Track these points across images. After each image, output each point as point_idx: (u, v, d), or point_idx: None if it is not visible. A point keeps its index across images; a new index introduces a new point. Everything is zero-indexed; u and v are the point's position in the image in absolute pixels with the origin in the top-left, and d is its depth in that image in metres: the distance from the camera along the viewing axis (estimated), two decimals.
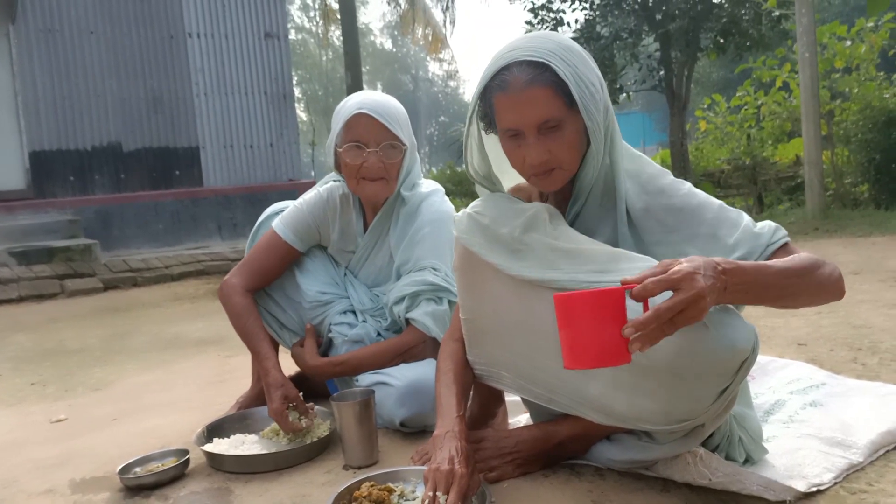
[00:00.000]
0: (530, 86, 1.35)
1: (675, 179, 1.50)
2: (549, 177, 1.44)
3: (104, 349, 3.81)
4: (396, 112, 2.06)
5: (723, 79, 20.69)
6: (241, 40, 9.23)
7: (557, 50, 1.37)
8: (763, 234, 1.40)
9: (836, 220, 6.37)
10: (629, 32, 9.47)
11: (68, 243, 7.03)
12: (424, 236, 2.07)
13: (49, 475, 1.90)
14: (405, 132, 2.07)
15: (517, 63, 1.37)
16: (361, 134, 2.01)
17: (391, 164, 2.04)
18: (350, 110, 2.01)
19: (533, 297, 1.43)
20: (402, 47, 44.01)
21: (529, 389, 1.52)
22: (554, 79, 1.35)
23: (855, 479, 1.47)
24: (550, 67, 1.35)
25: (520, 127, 1.40)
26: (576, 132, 1.40)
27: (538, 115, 1.37)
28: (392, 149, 2.04)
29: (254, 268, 2.15)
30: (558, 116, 1.37)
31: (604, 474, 1.56)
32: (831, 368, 2.18)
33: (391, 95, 2.13)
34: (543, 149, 1.39)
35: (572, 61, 1.38)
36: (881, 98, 7.38)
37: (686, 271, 1.12)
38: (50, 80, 8.18)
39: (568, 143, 1.40)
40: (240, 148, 9.21)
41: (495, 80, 1.39)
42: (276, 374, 1.95)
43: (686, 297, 1.11)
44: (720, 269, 1.17)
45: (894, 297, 3.18)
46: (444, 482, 1.35)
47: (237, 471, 1.79)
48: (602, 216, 1.51)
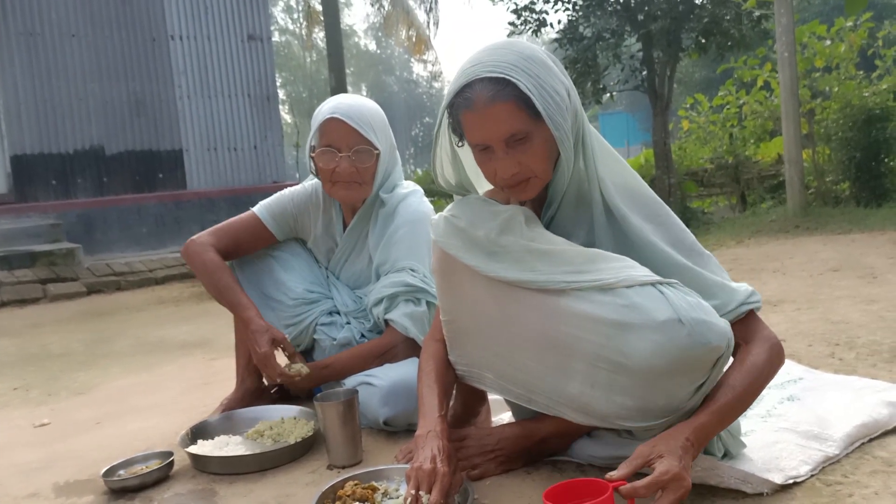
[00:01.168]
0: (493, 102, 1.36)
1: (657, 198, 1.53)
2: (524, 187, 1.45)
3: (88, 353, 3.79)
4: (371, 116, 2.07)
5: (705, 78, 20.82)
6: (224, 42, 9.19)
7: (518, 62, 1.38)
8: (739, 291, 1.44)
9: (816, 218, 6.44)
10: (611, 33, 9.50)
11: (51, 248, 6.98)
12: (402, 237, 2.08)
13: (32, 479, 1.90)
14: (380, 136, 2.08)
15: (479, 80, 1.38)
16: (334, 139, 2.03)
17: (364, 169, 2.05)
18: (324, 115, 2.04)
19: (510, 299, 1.44)
20: (387, 49, 43.97)
21: (509, 390, 1.54)
22: (516, 93, 1.36)
23: (831, 472, 1.49)
24: (511, 82, 1.36)
25: (487, 142, 1.41)
26: (544, 141, 1.42)
27: (503, 131, 1.38)
28: (364, 153, 2.04)
29: (225, 231, 2.17)
30: (524, 129, 1.39)
31: (585, 470, 1.58)
32: (809, 363, 2.21)
33: (374, 97, 2.15)
34: (513, 161, 1.41)
35: (534, 72, 1.38)
36: (861, 97, 7.45)
37: (674, 473, 1.23)
38: (31, 84, 8.12)
39: (537, 153, 1.42)
40: (223, 150, 9.18)
41: (459, 97, 1.41)
42: (259, 321, 2.00)
43: (676, 496, 1.23)
44: (690, 443, 1.30)
45: (872, 292, 3.22)
46: (427, 481, 1.36)
47: (221, 472, 1.79)
48: (577, 219, 1.53)
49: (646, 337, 1.30)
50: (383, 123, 2.12)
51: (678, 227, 1.51)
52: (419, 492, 1.35)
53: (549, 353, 1.41)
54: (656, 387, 1.32)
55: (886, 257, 4.11)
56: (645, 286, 1.35)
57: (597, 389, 1.37)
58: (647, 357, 1.30)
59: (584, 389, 1.39)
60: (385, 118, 2.14)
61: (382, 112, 2.15)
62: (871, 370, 2.12)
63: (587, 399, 1.39)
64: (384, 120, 2.13)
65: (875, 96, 7.43)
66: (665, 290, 1.34)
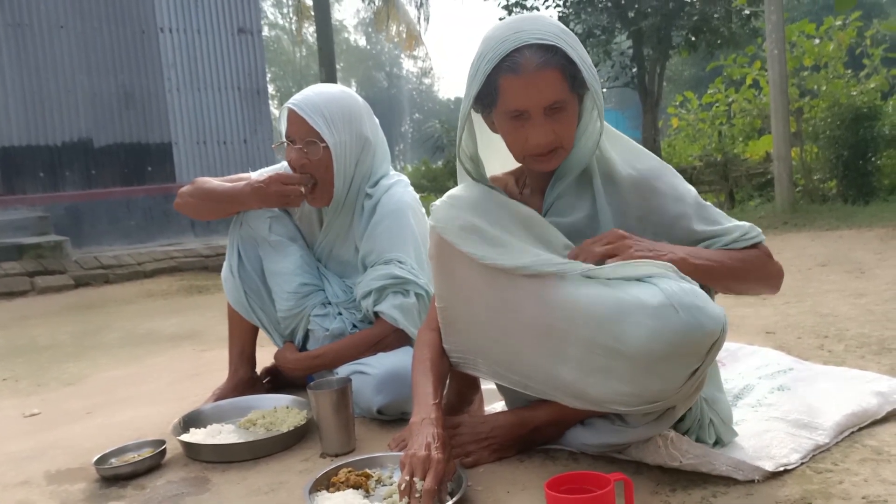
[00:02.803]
0: (543, 68, 1.40)
1: (661, 163, 1.58)
2: (551, 157, 1.49)
3: (76, 345, 3.77)
4: (326, 107, 2.02)
5: (694, 76, 20.93)
6: (213, 35, 9.14)
7: (561, 33, 1.43)
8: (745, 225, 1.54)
9: (804, 215, 6.48)
10: (602, 30, 9.55)
11: (38, 240, 6.93)
12: (386, 228, 2.08)
13: (24, 467, 1.89)
14: (334, 128, 2.02)
15: (528, 46, 1.40)
16: (290, 130, 2.05)
17: (316, 161, 2.03)
18: (286, 104, 2.05)
19: (507, 285, 1.45)
20: (377, 44, 43.89)
21: (504, 375, 1.54)
22: (562, 62, 1.41)
23: (821, 460, 1.51)
24: (561, 50, 1.40)
25: (528, 108, 1.43)
26: (574, 113, 1.48)
27: (548, 97, 1.42)
28: (312, 145, 2.02)
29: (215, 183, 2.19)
30: (564, 98, 1.43)
31: (578, 458, 1.59)
32: (799, 355, 2.22)
33: (364, 93, 2.15)
34: (549, 129, 1.45)
35: (574, 44, 1.44)
36: (849, 95, 7.51)
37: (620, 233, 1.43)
38: (19, 76, 8.05)
39: (570, 124, 1.47)
40: (213, 144, 9.14)
41: (506, 61, 1.41)
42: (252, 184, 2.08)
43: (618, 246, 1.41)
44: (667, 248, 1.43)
45: (860, 286, 3.25)
46: (421, 467, 1.37)
47: (214, 460, 1.79)
48: (580, 192, 1.56)
49: (640, 323, 1.31)
50: (343, 115, 2.05)
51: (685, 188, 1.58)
52: (413, 478, 1.35)
53: (544, 339, 1.42)
54: (651, 372, 1.33)
55: (874, 253, 4.15)
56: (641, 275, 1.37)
57: (591, 375, 1.38)
58: (643, 343, 1.31)
59: (578, 375, 1.40)
60: (352, 110, 2.08)
61: (351, 103, 2.09)
62: (860, 362, 2.14)
63: (582, 385, 1.40)
64: (348, 111, 2.06)
65: (863, 95, 7.48)
66: (658, 280, 1.35)
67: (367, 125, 2.12)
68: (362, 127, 2.10)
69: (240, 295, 2.19)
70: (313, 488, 1.48)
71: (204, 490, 1.64)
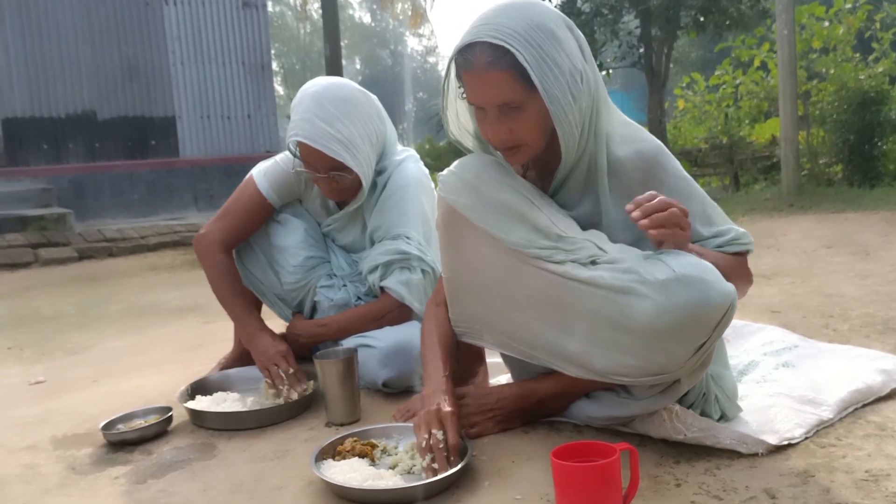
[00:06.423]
0: (490, 69, 1.36)
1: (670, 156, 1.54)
2: (514, 152, 1.46)
3: (80, 316, 3.78)
4: (339, 131, 1.92)
5: (702, 58, 20.77)
6: (218, 8, 9.08)
7: (524, 30, 1.35)
8: (739, 230, 1.52)
9: (810, 197, 6.46)
10: (610, 9, 9.48)
11: (42, 212, 6.94)
12: (396, 202, 2.07)
13: (30, 433, 1.90)
14: (355, 149, 1.95)
15: (480, 42, 1.37)
16: (308, 161, 1.99)
17: (348, 182, 1.99)
18: (293, 134, 1.96)
19: (514, 258, 1.45)
20: (381, 22, 43.53)
21: (510, 346, 1.55)
22: (514, 63, 1.35)
23: (825, 435, 1.52)
24: (510, 52, 1.35)
25: (482, 104, 1.42)
26: (538, 112, 1.41)
27: (496, 98, 1.39)
28: (340, 176, 1.98)
29: (233, 224, 2.11)
30: (518, 100, 1.38)
31: (582, 431, 1.59)
32: (804, 334, 2.22)
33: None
34: (504, 127, 1.41)
35: (538, 42, 1.35)
36: (856, 79, 7.44)
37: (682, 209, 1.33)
38: (22, 46, 8.01)
39: (529, 124, 1.41)
40: (217, 118, 9.11)
41: (460, 56, 1.40)
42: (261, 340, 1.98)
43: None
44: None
45: (865, 268, 3.24)
46: (437, 420, 1.40)
47: (220, 427, 1.80)
48: (585, 190, 1.53)
49: (647, 297, 1.31)
50: (356, 128, 1.96)
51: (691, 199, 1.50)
52: (432, 431, 1.38)
53: (550, 311, 1.42)
54: (657, 346, 1.33)
55: (880, 235, 4.14)
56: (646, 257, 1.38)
57: (597, 347, 1.38)
58: (650, 317, 1.31)
59: (584, 347, 1.40)
60: (360, 117, 1.99)
61: (357, 107, 1.99)
62: (865, 341, 2.14)
63: (588, 357, 1.40)
64: (358, 122, 1.97)
65: (871, 79, 7.43)
66: (665, 255, 1.35)
67: (376, 119, 2.06)
68: (374, 127, 2.05)
69: (244, 272, 2.18)
70: (319, 456, 1.49)
71: (210, 456, 1.65)
